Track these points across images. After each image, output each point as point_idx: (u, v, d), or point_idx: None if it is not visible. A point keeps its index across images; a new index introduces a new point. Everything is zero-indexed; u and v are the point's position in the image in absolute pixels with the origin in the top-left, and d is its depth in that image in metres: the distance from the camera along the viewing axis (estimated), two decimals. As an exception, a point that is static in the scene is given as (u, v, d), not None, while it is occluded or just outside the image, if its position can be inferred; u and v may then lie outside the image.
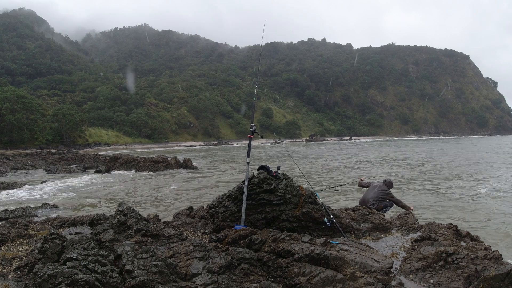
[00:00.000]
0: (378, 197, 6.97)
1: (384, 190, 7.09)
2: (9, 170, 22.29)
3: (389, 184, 7.32)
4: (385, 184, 7.26)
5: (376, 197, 6.97)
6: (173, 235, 4.49)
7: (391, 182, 7.45)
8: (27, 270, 3.23)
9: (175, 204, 11.13)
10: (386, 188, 7.17)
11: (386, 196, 7.03)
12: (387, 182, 7.37)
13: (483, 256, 3.64)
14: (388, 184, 7.31)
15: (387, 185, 7.26)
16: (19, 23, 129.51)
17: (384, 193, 7.05)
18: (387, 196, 7.04)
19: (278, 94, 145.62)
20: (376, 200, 6.93)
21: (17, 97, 59.26)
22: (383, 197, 6.99)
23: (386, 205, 7.00)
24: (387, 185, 7.25)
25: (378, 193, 7.02)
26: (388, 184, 7.30)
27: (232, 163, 28.48)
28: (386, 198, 7.02)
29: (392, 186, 7.44)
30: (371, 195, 7.03)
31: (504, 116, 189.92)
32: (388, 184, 7.31)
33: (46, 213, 8.92)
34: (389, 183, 7.38)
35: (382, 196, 6.99)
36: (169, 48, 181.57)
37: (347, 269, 3.20)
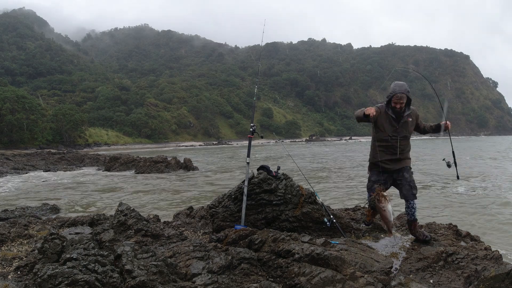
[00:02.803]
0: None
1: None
2: (9, 170, 22.29)
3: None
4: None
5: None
6: (173, 235, 4.49)
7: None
8: (27, 270, 3.24)
9: (175, 204, 11.14)
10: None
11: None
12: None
13: (483, 256, 3.64)
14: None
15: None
16: (19, 23, 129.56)
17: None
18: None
19: (278, 94, 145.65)
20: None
21: (17, 97, 59.28)
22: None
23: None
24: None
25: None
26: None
27: (232, 163, 28.49)
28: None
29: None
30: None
31: (504, 116, 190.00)
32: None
33: (46, 213, 8.92)
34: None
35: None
36: (169, 48, 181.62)
37: (347, 269, 3.21)
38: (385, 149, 4.46)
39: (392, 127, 4.40)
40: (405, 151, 4.48)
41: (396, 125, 4.40)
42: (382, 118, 4.41)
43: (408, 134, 4.50)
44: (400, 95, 4.34)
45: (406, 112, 4.45)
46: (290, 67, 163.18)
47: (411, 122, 4.48)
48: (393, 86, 4.39)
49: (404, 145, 4.46)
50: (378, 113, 4.37)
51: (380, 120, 4.43)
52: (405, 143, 4.46)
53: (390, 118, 4.40)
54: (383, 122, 4.43)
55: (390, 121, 4.41)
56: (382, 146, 4.46)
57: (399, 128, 4.41)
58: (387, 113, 4.41)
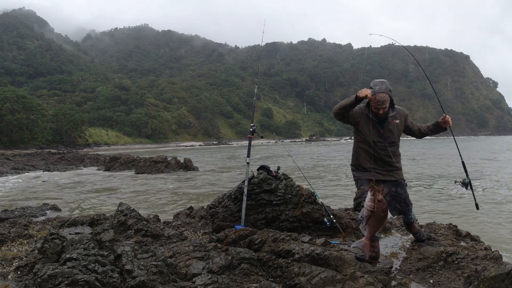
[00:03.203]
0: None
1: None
2: (9, 170, 22.29)
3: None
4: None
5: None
6: (173, 235, 4.49)
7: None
8: (27, 270, 3.23)
9: (175, 204, 11.14)
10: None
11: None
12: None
13: (483, 256, 3.64)
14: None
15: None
16: (19, 23, 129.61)
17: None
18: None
19: (278, 94, 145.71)
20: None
21: (17, 97, 59.29)
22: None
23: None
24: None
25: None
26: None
27: (232, 163, 28.48)
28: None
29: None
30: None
31: (504, 116, 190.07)
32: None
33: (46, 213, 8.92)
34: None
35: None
36: (169, 48, 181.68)
37: (347, 269, 3.21)
38: (369, 157, 3.77)
39: (376, 131, 3.73)
40: (394, 160, 3.79)
41: (381, 129, 3.72)
42: (364, 120, 3.75)
43: (397, 139, 3.82)
44: (381, 97, 3.55)
45: (390, 113, 3.73)
46: (290, 67, 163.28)
47: (397, 124, 3.79)
48: (372, 85, 3.65)
49: (393, 153, 3.77)
50: (359, 114, 3.75)
51: (362, 123, 3.76)
52: (394, 150, 3.79)
53: (373, 120, 3.72)
54: (364, 125, 3.75)
55: (374, 123, 3.72)
56: (367, 153, 3.78)
57: (384, 132, 3.73)
58: (368, 116, 3.72)
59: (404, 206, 3.82)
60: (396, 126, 3.78)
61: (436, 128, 3.85)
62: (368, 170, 3.75)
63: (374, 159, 3.74)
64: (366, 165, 3.78)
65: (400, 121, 3.83)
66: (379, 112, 3.62)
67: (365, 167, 3.79)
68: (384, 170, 3.78)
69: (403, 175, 3.91)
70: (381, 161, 3.77)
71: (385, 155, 3.74)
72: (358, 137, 3.85)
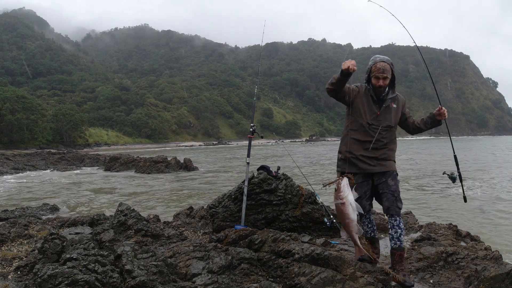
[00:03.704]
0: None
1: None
2: (9, 170, 22.29)
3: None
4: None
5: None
6: (173, 235, 4.49)
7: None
8: (27, 270, 3.23)
9: (175, 204, 11.14)
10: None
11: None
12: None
13: (483, 256, 3.64)
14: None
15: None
16: (19, 23, 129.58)
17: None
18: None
19: (278, 94, 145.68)
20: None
21: (17, 97, 59.30)
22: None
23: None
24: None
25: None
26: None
27: (232, 163, 28.48)
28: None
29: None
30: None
31: (504, 116, 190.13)
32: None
33: (46, 213, 8.92)
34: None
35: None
36: (169, 48, 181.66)
37: (347, 269, 3.21)
38: (360, 142, 3.39)
39: (371, 112, 3.38)
40: (387, 148, 3.41)
41: (377, 110, 3.38)
42: (360, 99, 3.40)
43: (393, 124, 3.44)
44: (382, 65, 3.29)
45: (390, 94, 3.44)
46: (290, 67, 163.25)
47: (395, 109, 3.45)
48: (373, 58, 3.42)
49: (387, 139, 3.40)
50: (356, 92, 3.39)
51: (358, 102, 3.40)
52: (388, 137, 3.41)
53: (370, 99, 3.39)
54: (359, 104, 3.40)
55: (369, 104, 3.39)
56: (356, 138, 3.40)
57: (380, 114, 3.38)
58: (366, 94, 3.40)
59: (391, 200, 3.32)
60: (395, 111, 3.44)
61: (431, 121, 3.49)
62: (357, 158, 3.37)
63: (365, 144, 3.37)
64: (354, 151, 3.38)
65: (398, 107, 3.48)
66: (379, 83, 3.28)
67: (354, 154, 3.38)
68: (375, 158, 3.37)
69: (395, 168, 3.49)
70: (372, 147, 3.37)
71: (378, 140, 3.36)
72: (350, 118, 3.46)
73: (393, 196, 3.33)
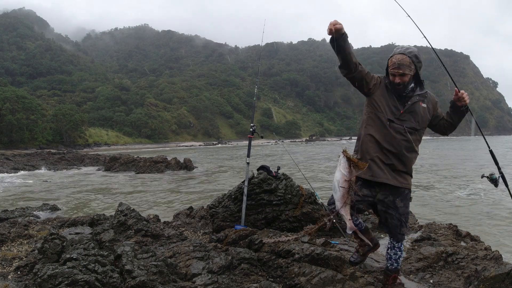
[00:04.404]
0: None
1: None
2: (9, 170, 22.29)
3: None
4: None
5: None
6: (173, 235, 4.49)
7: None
8: (27, 270, 3.23)
9: (175, 204, 11.14)
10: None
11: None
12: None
13: (483, 256, 3.64)
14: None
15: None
16: (19, 23, 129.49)
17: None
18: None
19: (278, 94, 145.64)
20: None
21: (17, 97, 59.28)
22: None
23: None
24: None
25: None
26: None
27: (232, 163, 28.48)
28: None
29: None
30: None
31: (504, 116, 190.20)
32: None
33: (46, 213, 8.92)
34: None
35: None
36: (169, 48, 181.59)
37: (347, 269, 3.21)
38: (376, 141, 2.83)
39: (393, 109, 2.82)
40: (407, 157, 2.81)
41: (401, 107, 2.82)
42: (382, 91, 2.87)
43: (419, 127, 2.83)
44: (399, 58, 2.74)
45: (417, 91, 2.87)
46: (290, 67, 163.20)
47: (424, 109, 2.85)
48: (395, 49, 2.90)
49: (408, 145, 2.80)
50: (377, 82, 2.87)
51: (378, 94, 2.86)
52: (411, 142, 2.82)
53: (391, 94, 2.84)
54: (380, 97, 2.85)
55: (391, 99, 2.84)
56: (373, 135, 2.85)
57: (404, 113, 2.81)
58: (387, 87, 2.86)
59: (397, 225, 2.85)
60: (423, 111, 2.85)
61: (453, 110, 2.90)
62: (373, 160, 2.81)
63: (382, 145, 2.81)
64: (371, 152, 2.83)
65: (428, 107, 2.88)
66: (395, 80, 2.77)
67: (371, 154, 2.83)
68: (390, 166, 2.81)
69: (411, 185, 2.90)
70: (392, 152, 2.80)
71: (399, 144, 2.78)
72: (369, 112, 2.91)
73: (399, 221, 2.85)
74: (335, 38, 2.57)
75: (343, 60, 2.68)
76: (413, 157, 2.87)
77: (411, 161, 2.85)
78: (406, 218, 2.87)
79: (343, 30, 2.55)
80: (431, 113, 2.91)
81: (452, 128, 2.97)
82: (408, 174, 2.87)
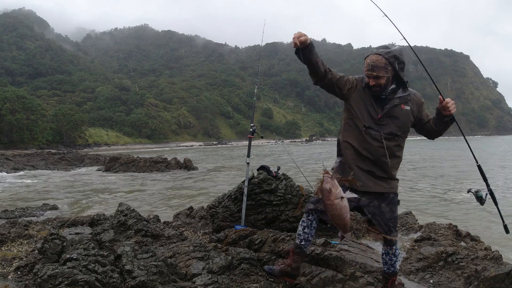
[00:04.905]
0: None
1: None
2: (9, 170, 22.29)
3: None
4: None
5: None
6: (173, 235, 4.49)
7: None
8: (27, 270, 3.23)
9: (175, 204, 11.14)
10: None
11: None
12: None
13: (483, 256, 3.64)
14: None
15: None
16: (19, 23, 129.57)
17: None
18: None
19: (278, 94, 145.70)
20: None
21: (17, 97, 59.29)
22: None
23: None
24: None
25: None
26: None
27: (232, 163, 28.48)
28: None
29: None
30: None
31: (504, 116, 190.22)
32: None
33: (46, 213, 8.92)
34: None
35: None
36: (169, 48, 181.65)
37: (347, 269, 3.21)
38: (354, 149, 2.70)
39: (370, 114, 2.66)
40: (387, 163, 2.66)
41: (379, 111, 2.64)
42: (358, 94, 2.69)
43: (399, 132, 2.67)
44: (372, 59, 2.57)
45: (399, 93, 2.66)
46: (290, 67, 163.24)
47: (406, 112, 2.67)
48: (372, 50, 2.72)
49: (390, 151, 2.65)
50: (352, 85, 2.69)
51: (354, 98, 2.69)
52: (392, 148, 2.67)
53: (370, 97, 2.66)
54: (356, 101, 2.69)
55: (369, 102, 2.66)
56: (350, 142, 2.72)
57: (382, 117, 2.64)
58: (365, 89, 2.68)
59: (385, 230, 2.70)
60: (405, 114, 2.67)
61: (438, 118, 2.70)
62: (350, 167, 2.69)
63: (360, 153, 2.67)
64: (349, 160, 2.70)
65: (412, 110, 2.70)
66: (370, 82, 2.60)
67: (349, 162, 2.71)
68: (369, 174, 2.68)
69: (397, 188, 2.77)
70: (370, 159, 2.66)
71: (376, 151, 2.63)
72: (346, 118, 2.78)
73: (387, 226, 2.69)
74: (301, 50, 2.47)
75: (311, 69, 2.58)
76: (394, 163, 2.70)
77: (392, 167, 2.70)
78: (394, 222, 2.73)
79: (308, 41, 2.44)
80: (415, 115, 2.74)
81: (437, 135, 2.81)
82: (391, 178, 2.72)
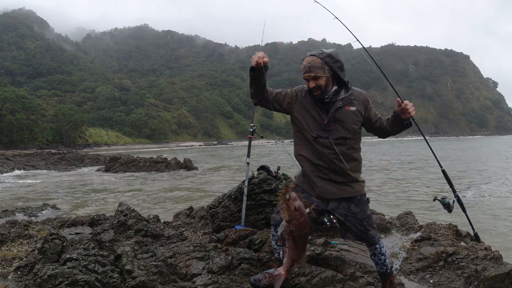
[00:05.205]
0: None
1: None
2: (9, 170, 22.29)
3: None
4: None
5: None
6: (173, 235, 4.49)
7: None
8: (27, 271, 3.23)
9: (175, 204, 11.14)
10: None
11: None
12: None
13: (483, 256, 3.64)
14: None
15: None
16: (19, 23, 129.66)
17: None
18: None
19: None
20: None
21: (17, 97, 59.31)
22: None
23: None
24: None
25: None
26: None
27: (232, 163, 28.48)
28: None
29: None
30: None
31: (504, 116, 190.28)
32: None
33: (46, 213, 8.92)
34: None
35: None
36: (169, 48, 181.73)
37: (347, 269, 3.21)
38: (309, 161, 2.63)
39: (316, 121, 2.59)
40: (343, 168, 2.57)
41: (325, 116, 2.57)
42: (300, 105, 2.65)
43: (349, 135, 2.58)
44: (308, 61, 2.58)
45: (341, 95, 2.61)
46: (290, 67, 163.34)
47: (352, 113, 2.59)
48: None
49: (345, 156, 2.56)
50: (291, 98, 2.67)
51: (296, 110, 2.66)
52: (346, 152, 2.58)
53: (314, 104, 2.61)
54: (299, 113, 2.65)
55: (313, 110, 2.60)
56: (303, 155, 2.65)
57: (329, 123, 2.57)
58: (307, 97, 2.65)
59: (361, 230, 2.62)
60: (351, 116, 2.59)
61: (395, 121, 2.60)
62: (310, 178, 2.62)
63: (315, 163, 2.60)
64: (309, 173, 2.64)
65: (358, 110, 2.62)
66: (309, 85, 2.56)
67: (307, 174, 2.64)
68: (329, 182, 2.59)
69: (363, 189, 2.68)
70: (326, 168, 2.58)
71: (329, 158, 2.56)
72: (294, 131, 2.73)
73: (362, 226, 2.63)
74: (259, 69, 2.46)
75: (257, 90, 2.59)
76: (353, 166, 2.61)
77: (352, 170, 2.60)
78: (369, 221, 2.65)
79: (268, 62, 2.45)
80: (363, 115, 2.65)
81: (388, 135, 2.73)
82: (354, 181, 2.63)
